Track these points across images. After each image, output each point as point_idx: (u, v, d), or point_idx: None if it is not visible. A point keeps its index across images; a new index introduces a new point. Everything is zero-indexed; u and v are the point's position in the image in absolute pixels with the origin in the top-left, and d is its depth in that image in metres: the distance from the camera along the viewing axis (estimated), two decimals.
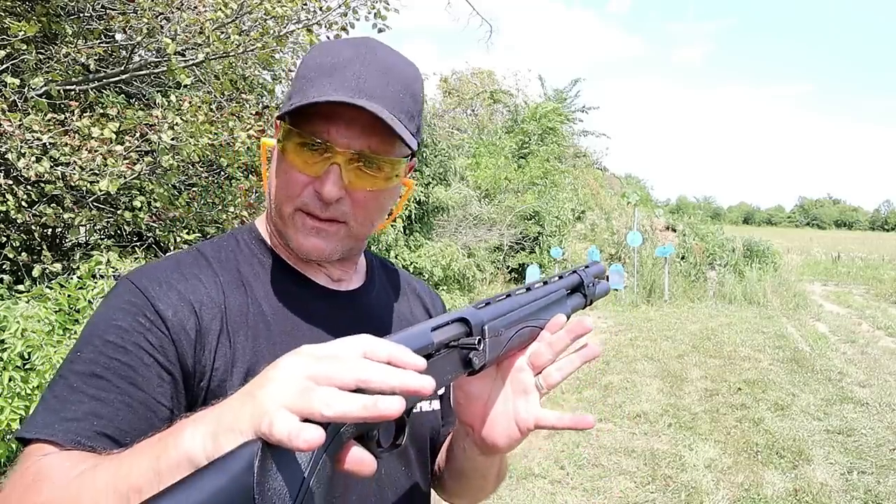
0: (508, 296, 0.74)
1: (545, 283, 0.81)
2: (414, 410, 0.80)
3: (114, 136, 3.31)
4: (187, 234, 3.90)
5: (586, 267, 0.89)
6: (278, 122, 0.80)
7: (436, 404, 0.90)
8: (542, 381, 0.74)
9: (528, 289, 0.77)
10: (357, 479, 0.50)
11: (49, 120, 3.16)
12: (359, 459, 0.49)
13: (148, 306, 0.72)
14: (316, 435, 0.43)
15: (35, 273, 3.29)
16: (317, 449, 0.45)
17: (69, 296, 2.84)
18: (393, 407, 0.45)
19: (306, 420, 0.44)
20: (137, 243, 4.20)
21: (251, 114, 4.15)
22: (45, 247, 3.53)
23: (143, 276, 0.76)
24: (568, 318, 0.80)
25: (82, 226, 3.87)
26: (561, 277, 0.84)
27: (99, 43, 3.73)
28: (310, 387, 0.46)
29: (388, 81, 0.77)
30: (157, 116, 3.46)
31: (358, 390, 0.47)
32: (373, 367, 0.48)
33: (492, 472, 0.90)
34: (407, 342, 0.54)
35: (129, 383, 0.68)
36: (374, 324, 0.88)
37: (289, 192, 0.78)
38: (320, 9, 4.29)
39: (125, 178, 3.37)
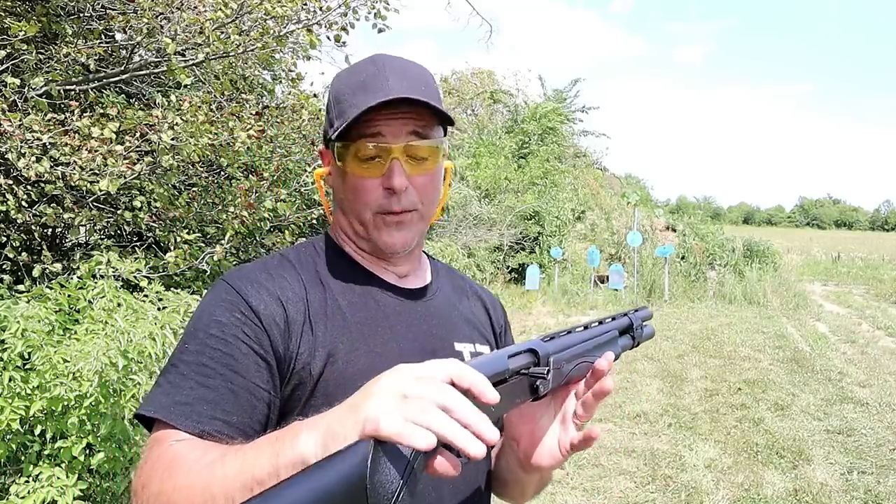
0: (570, 332, 0.82)
1: (601, 322, 0.90)
2: None
3: (114, 136, 3.31)
4: (187, 233, 3.89)
5: (636, 311, 0.99)
6: (326, 148, 0.94)
7: None
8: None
9: (587, 326, 0.87)
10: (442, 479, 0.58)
11: (49, 120, 3.16)
12: (447, 464, 0.57)
13: (242, 303, 0.83)
14: (428, 439, 0.51)
15: (35, 273, 3.29)
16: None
17: (69, 296, 2.84)
18: (477, 451, 0.52)
19: None
20: (137, 243, 4.20)
21: (251, 114, 4.14)
22: (45, 247, 3.53)
23: (236, 277, 0.87)
24: (617, 357, 0.89)
25: (82, 226, 3.88)
26: (614, 319, 0.94)
27: (99, 43, 3.72)
28: (406, 401, 0.54)
29: (407, 78, 0.89)
30: (157, 116, 3.46)
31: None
32: (458, 400, 0.55)
33: (531, 486, 0.99)
34: (487, 366, 0.63)
35: (231, 370, 0.79)
36: (439, 320, 0.97)
37: (364, 200, 0.89)
38: (320, 9, 4.29)
39: (125, 178, 3.36)
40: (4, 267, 3.45)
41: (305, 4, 4.12)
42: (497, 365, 0.65)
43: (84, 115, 3.36)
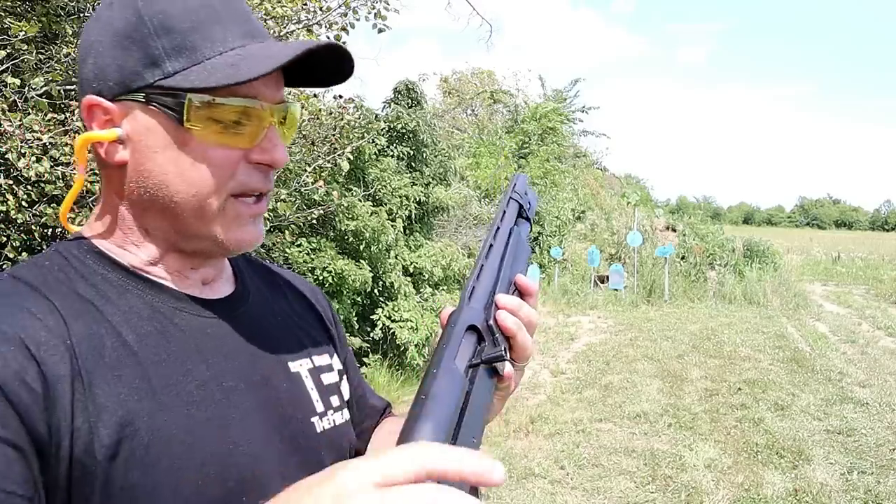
0: (481, 267, 0.67)
1: (498, 227, 0.73)
2: (327, 427, 0.74)
3: None
4: None
5: (514, 185, 0.81)
6: (116, 100, 0.63)
7: (346, 414, 0.79)
8: None
9: (491, 245, 0.70)
10: None
11: (49, 120, 3.16)
12: None
13: None
14: None
15: None
16: None
17: None
18: None
19: None
20: None
21: None
22: (45, 247, 3.54)
23: None
24: (528, 243, 0.77)
25: (82, 226, 3.88)
26: (504, 213, 0.76)
27: None
28: None
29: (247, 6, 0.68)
30: None
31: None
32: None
33: None
34: (446, 398, 0.48)
35: None
36: (262, 335, 0.72)
37: (217, 180, 0.63)
38: (320, 9, 4.29)
39: None
40: (4, 267, 3.46)
41: (305, 4, 4.13)
42: (454, 389, 0.50)
43: None
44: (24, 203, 3.32)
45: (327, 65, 0.68)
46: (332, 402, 0.76)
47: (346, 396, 0.82)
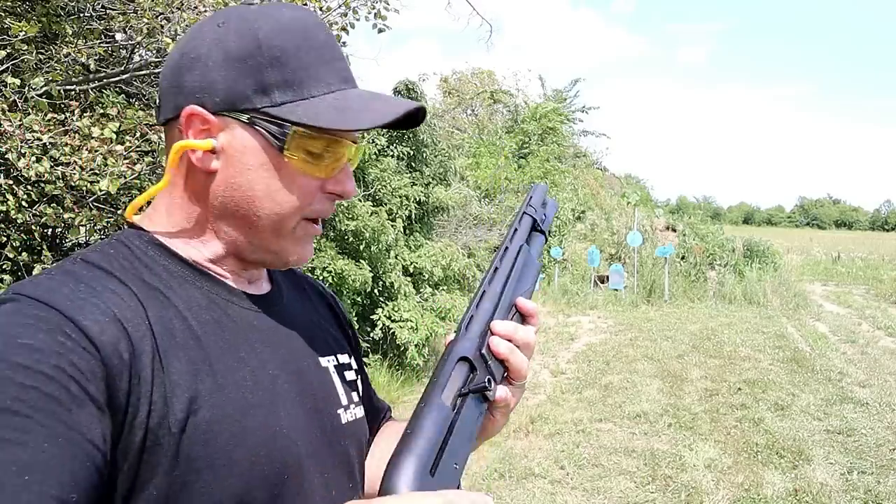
0: (484, 292, 0.72)
1: (506, 248, 0.77)
2: (350, 419, 0.79)
3: (114, 136, 3.31)
4: None
5: (530, 199, 0.83)
6: (219, 114, 0.67)
7: (363, 409, 0.85)
8: None
9: (496, 268, 0.74)
10: None
11: (49, 120, 3.16)
12: None
13: (66, 322, 0.55)
14: None
15: (36, 273, 3.29)
16: None
17: None
18: None
19: None
20: None
21: None
22: (45, 247, 3.54)
23: (44, 290, 0.58)
24: (539, 257, 0.81)
25: (82, 226, 3.88)
26: (515, 231, 0.79)
27: (99, 43, 3.73)
28: None
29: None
30: None
31: None
32: None
33: None
34: (428, 429, 0.58)
35: (58, 420, 0.51)
36: (296, 330, 0.78)
37: (298, 203, 0.70)
38: (320, 9, 4.29)
39: (125, 177, 3.37)
40: (4, 267, 3.45)
41: (305, 4, 4.13)
42: (437, 422, 0.59)
43: (84, 115, 3.36)
44: (24, 203, 3.32)
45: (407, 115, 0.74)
46: (353, 397, 0.82)
47: (362, 394, 0.88)
